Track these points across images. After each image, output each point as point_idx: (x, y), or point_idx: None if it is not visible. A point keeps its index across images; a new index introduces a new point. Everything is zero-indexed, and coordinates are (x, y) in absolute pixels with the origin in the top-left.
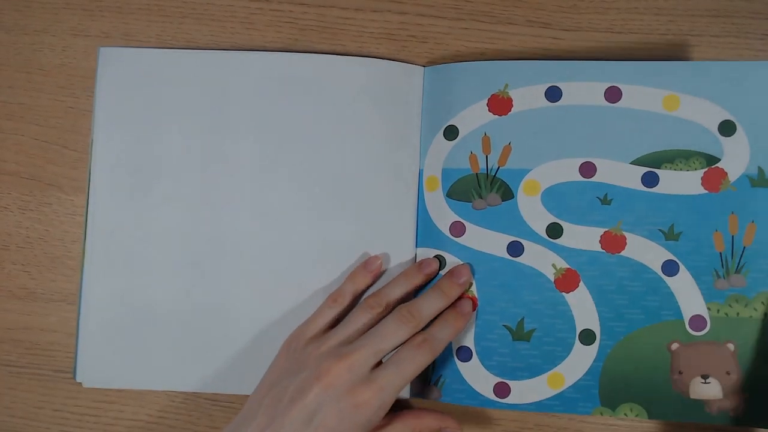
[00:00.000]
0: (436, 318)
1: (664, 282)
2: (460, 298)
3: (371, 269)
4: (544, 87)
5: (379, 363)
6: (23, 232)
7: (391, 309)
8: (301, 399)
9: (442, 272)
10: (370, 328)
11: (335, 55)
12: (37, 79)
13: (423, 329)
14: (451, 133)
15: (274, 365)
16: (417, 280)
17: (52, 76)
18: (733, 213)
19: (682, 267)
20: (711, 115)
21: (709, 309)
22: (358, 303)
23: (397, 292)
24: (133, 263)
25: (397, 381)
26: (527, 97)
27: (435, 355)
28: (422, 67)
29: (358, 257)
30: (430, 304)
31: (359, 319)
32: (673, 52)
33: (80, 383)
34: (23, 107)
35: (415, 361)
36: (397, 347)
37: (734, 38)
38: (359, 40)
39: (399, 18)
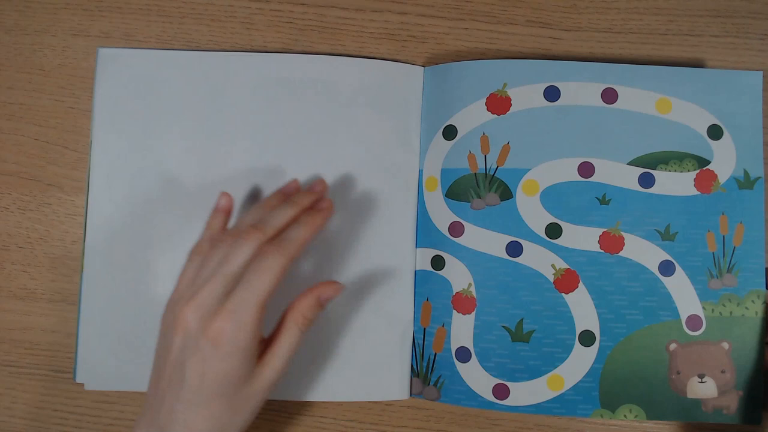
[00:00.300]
0: None
1: (662, 282)
2: None
3: (221, 208)
4: (542, 86)
5: None
6: (23, 233)
7: None
8: (169, 357)
9: (444, 272)
10: None
11: (335, 56)
12: (37, 80)
13: None
14: (450, 132)
15: (156, 343)
16: (274, 201)
17: (52, 77)
18: (723, 214)
19: (678, 267)
20: (700, 119)
21: (704, 309)
22: None
23: (251, 219)
24: (134, 265)
25: (250, 295)
26: (526, 97)
27: (289, 257)
28: (422, 68)
29: (358, 257)
30: (278, 213)
31: (213, 259)
32: (673, 52)
33: (80, 384)
34: (23, 107)
35: (265, 269)
36: None
37: (734, 38)
38: (359, 40)
39: (399, 18)
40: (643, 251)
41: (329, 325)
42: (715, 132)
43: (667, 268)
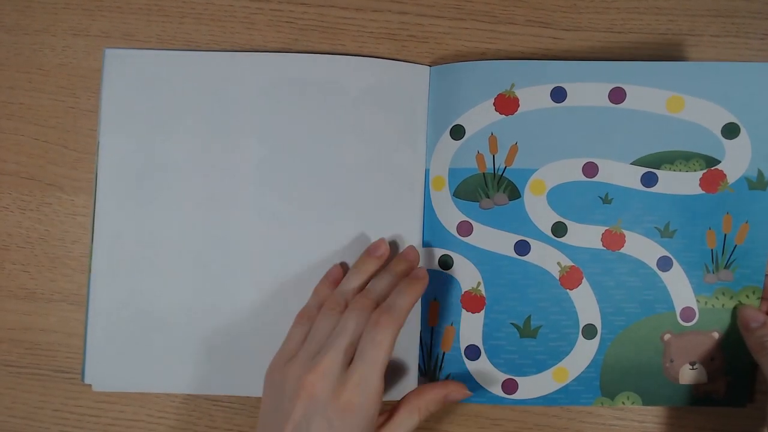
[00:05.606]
0: None
1: (659, 276)
2: None
3: (332, 279)
4: (549, 87)
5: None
6: (23, 232)
7: None
8: (290, 422)
9: (453, 271)
10: None
11: (341, 56)
12: (37, 79)
13: None
14: (457, 132)
15: (262, 403)
16: (371, 266)
17: (52, 76)
18: (728, 213)
19: (675, 263)
20: (715, 117)
21: (698, 301)
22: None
23: (354, 284)
24: (141, 267)
25: (372, 370)
26: (533, 97)
27: (399, 325)
28: (428, 67)
29: None
30: (380, 281)
31: (323, 325)
32: (673, 52)
33: (81, 384)
34: (23, 107)
35: (381, 342)
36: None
37: (734, 38)
38: (359, 40)
39: (399, 18)
40: (642, 248)
41: None
42: (730, 130)
43: (665, 264)
